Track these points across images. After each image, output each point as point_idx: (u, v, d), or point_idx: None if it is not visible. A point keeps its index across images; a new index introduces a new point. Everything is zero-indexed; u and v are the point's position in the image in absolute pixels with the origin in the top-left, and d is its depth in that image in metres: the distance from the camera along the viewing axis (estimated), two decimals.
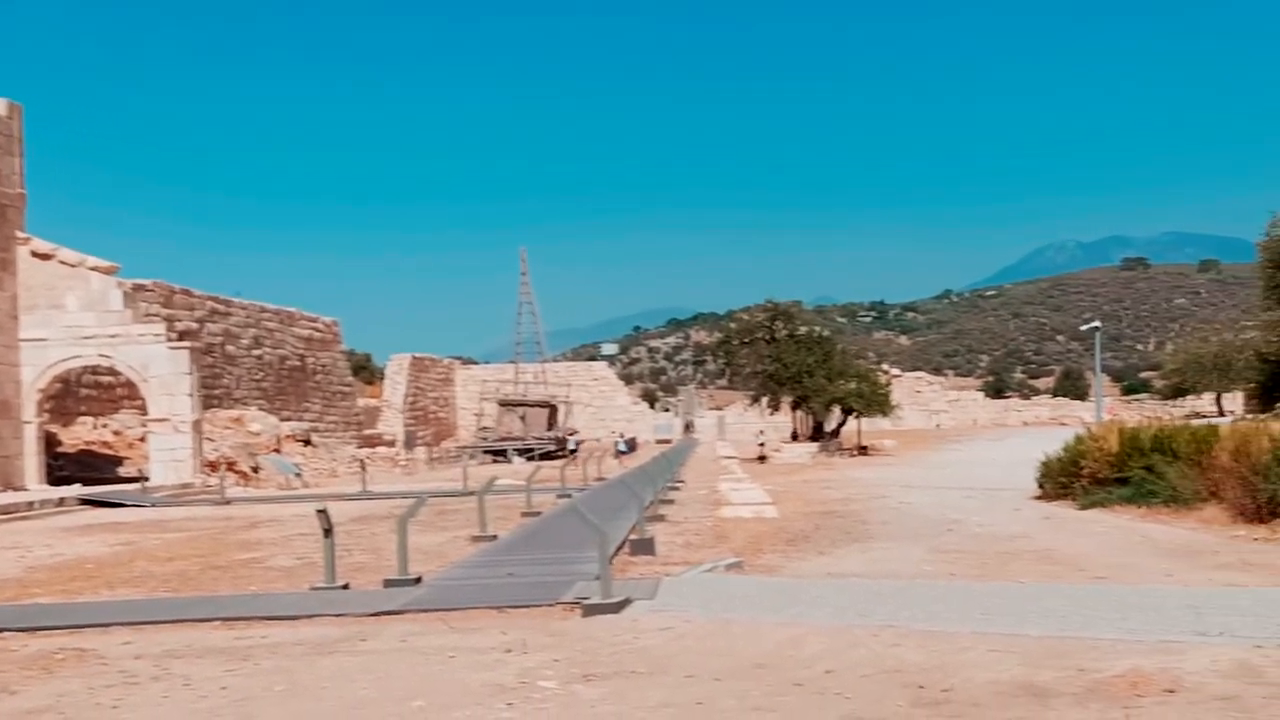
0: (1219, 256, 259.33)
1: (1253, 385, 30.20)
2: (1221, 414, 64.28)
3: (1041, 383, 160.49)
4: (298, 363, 60.83)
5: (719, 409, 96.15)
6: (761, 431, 58.05)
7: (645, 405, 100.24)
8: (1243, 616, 9.27)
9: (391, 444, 65.01)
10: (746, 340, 54.80)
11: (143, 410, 39.99)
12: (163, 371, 37.56)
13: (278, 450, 45.39)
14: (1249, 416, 31.25)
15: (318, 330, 64.69)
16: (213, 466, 38.18)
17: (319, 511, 12.92)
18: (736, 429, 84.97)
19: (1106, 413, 63.22)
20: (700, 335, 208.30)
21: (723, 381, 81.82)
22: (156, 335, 38.38)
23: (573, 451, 60.21)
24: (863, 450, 51.43)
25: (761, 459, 47.18)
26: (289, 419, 53.78)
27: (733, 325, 59.08)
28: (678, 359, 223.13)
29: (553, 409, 74.39)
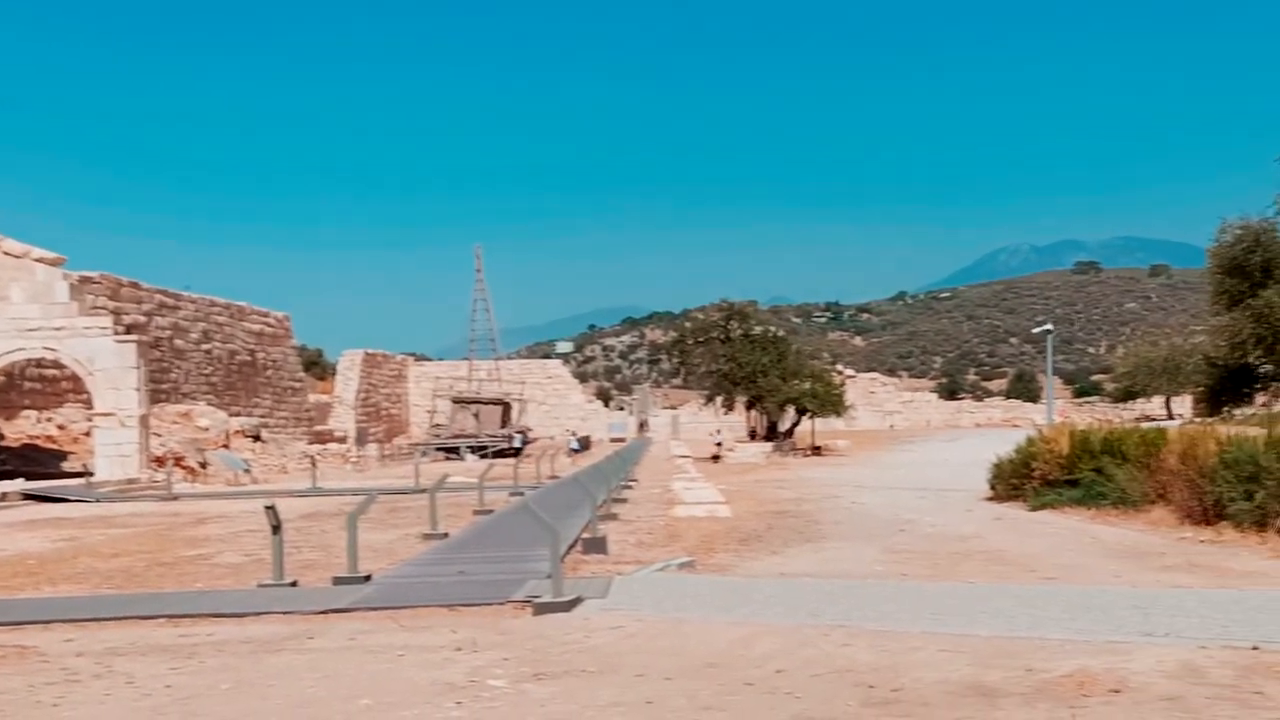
0: (1169, 261, 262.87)
1: (1201, 389, 30.69)
2: (1170, 417, 64.98)
3: (994, 384, 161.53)
4: (248, 358, 60.24)
5: (673, 408, 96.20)
6: (718, 430, 58.09)
7: (600, 404, 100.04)
8: (1188, 617, 9.36)
9: (343, 440, 64.53)
10: (701, 339, 54.80)
11: (88, 404, 39.46)
12: (109, 365, 37.05)
13: (226, 446, 44.89)
14: (1197, 420, 31.64)
15: (269, 325, 64.11)
16: (160, 462, 37.68)
17: (267, 508, 12.82)
18: (691, 428, 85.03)
19: (1058, 415, 63.74)
20: (655, 334, 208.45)
21: (677, 381, 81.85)
22: (103, 328, 37.85)
23: (517, 450, 59.87)
24: (816, 450, 51.58)
25: (715, 458, 47.22)
26: (238, 414, 53.24)
27: (688, 324, 59.08)
28: (632, 358, 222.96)
29: (506, 406, 74.10)
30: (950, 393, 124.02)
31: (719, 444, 51.00)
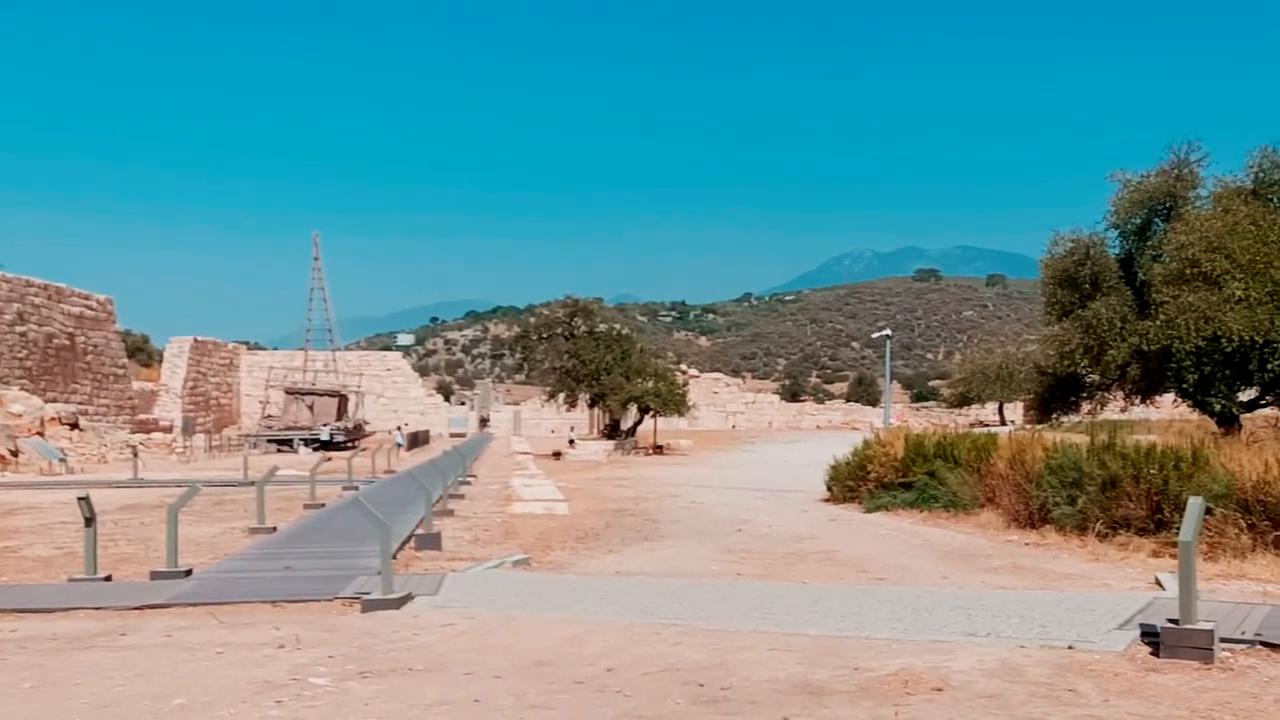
0: (1005, 271, 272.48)
1: (1032, 396, 31.77)
2: (1003, 423, 67.16)
3: (836, 388, 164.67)
4: (66, 342, 57.74)
5: (516, 404, 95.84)
6: (572, 428, 58.11)
7: (440, 398, 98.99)
8: (1009, 618, 9.59)
9: (168, 430, 62.45)
10: (545, 335, 54.69)
11: None
12: None
13: (41, 434, 43.06)
14: (1027, 426, 32.71)
15: (90, 308, 61.55)
16: None
17: (81, 499, 12.29)
18: (533, 424, 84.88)
19: (895, 419, 65.33)
20: (499, 329, 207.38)
21: (520, 376, 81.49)
22: None
23: (326, 442, 58.94)
24: (658, 449, 51.95)
25: (557, 455, 47.17)
26: (55, 401, 51.11)
27: (532, 320, 58.92)
28: (475, 352, 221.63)
29: (343, 399, 72.76)
30: (792, 395, 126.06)
31: (572, 441, 50.99)
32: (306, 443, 60.12)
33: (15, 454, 38.77)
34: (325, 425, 63.99)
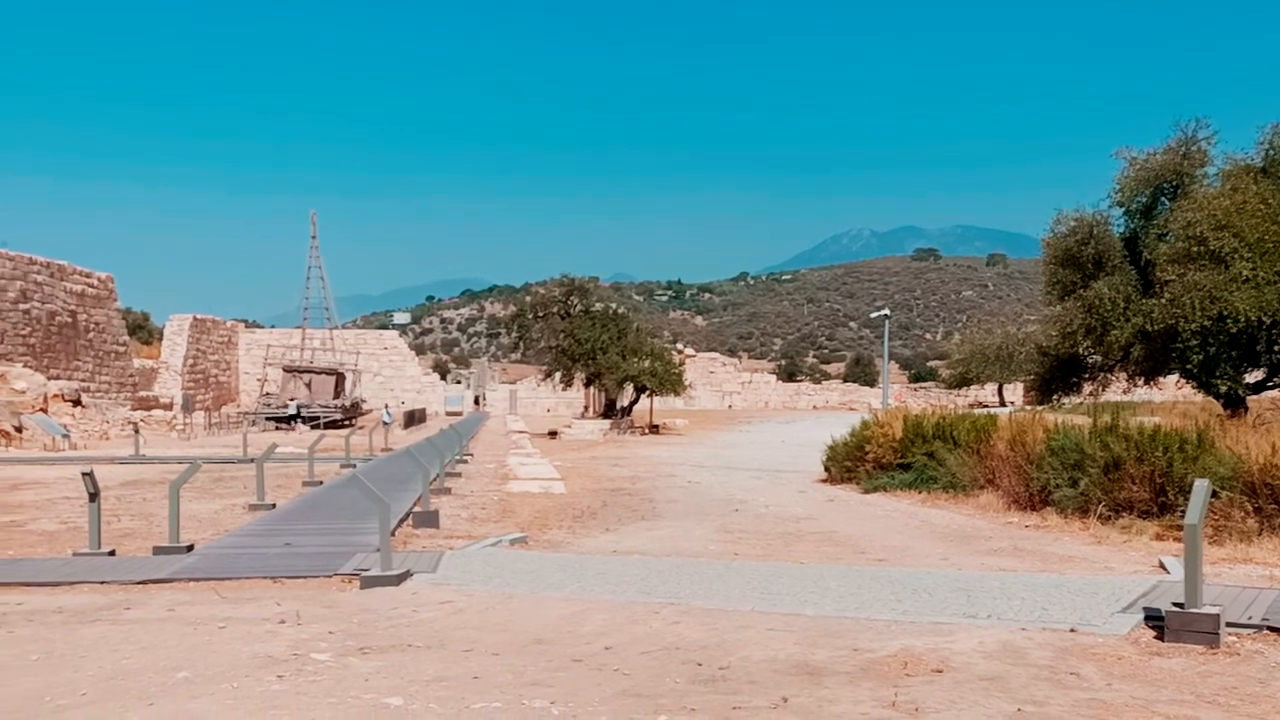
0: (1006, 251, 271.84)
1: (1032, 377, 31.58)
2: (1003, 404, 67.02)
3: (833, 368, 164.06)
4: (69, 319, 57.65)
5: (512, 383, 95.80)
6: (586, 408, 58.13)
7: (436, 376, 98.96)
8: (1010, 600, 9.59)
9: (168, 407, 62.45)
10: (541, 314, 54.55)
11: None
12: None
13: (44, 410, 43.05)
14: (1027, 407, 32.59)
15: (91, 286, 61.43)
16: None
17: (85, 474, 12.33)
18: (529, 403, 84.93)
19: (894, 399, 65.35)
20: (495, 308, 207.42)
21: (516, 355, 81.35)
22: None
23: (293, 417, 59.09)
24: (654, 429, 51.91)
25: (553, 434, 47.18)
26: (58, 378, 51.11)
27: (528, 299, 58.82)
28: (471, 331, 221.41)
29: (340, 376, 72.69)
30: (789, 375, 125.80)
31: (583, 414, 51.12)
32: (306, 420, 60.23)
33: (19, 430, 38.80)
34: (292, 400, 63.92)
